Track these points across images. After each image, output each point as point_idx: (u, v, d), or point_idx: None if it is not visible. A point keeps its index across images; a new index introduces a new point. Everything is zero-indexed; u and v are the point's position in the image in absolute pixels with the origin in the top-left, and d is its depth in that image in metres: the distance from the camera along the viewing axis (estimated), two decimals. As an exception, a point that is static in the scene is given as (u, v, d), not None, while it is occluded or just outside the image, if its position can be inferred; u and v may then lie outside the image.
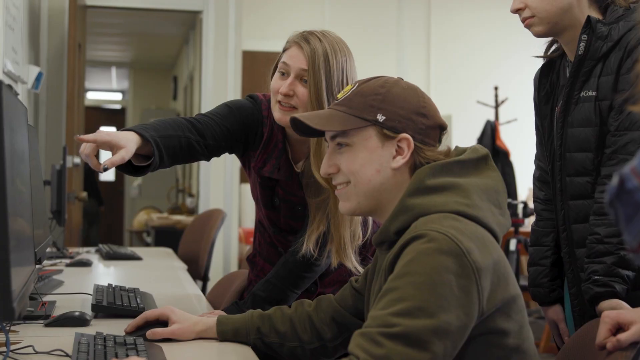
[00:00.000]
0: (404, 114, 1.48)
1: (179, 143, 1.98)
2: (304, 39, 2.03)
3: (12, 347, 1.59)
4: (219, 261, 5.45)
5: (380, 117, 1.48)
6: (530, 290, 2.19)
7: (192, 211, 7.05)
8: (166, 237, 6.26)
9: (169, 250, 4.12)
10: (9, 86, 2.82)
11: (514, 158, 6.69)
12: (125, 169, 1.93)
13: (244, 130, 2.11)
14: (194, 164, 7.37)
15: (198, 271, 3.84)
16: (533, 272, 2.17)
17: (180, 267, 3.42)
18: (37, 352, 1.59)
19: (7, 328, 1.65)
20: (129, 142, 1.82)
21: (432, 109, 1.52)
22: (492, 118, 6.93)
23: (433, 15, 7.51)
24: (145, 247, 6.95)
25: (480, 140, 6.77)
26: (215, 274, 4.78)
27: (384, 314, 1.29)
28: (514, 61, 7.17)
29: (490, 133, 6.73)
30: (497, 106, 6.97)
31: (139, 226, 8.24)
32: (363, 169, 1.49)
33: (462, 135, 7.05)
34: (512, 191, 6.62)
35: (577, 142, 1.99)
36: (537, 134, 2.19)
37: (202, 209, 5.46)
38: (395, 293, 1.30)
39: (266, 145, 2.13)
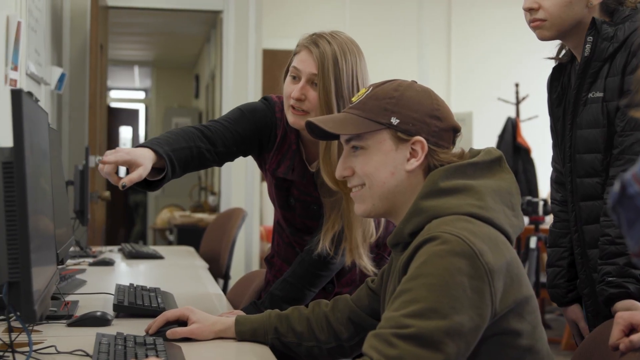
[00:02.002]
0: (418, 116, 1.49)
1: (190, 153, 2.03)
2: (313, 42, 2.04)
3: (35, 347, 1.62)
4: (240, 259, 5.49)
5: (394, 120, 1.49)
6: (548, 291, 2.20)
7: (214, 209, 7.09)
8: (189, 235, 6.30)
9: (191, 249, 4.15)
10: (29, 93, 2.87)
11: (535, 155, 6.66)
12: (140, 184, 1.98)
13: (256, 133, 2.14)
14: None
15: (219, 269, 3.87)
16: (551, 273, 2.18)
17: (202, 265, 3.45)
18: (59, 352, 1.62)
19: (30, 328, 1.68)
20: (146, 159, 1.88)
21: (445, 112, 1.53)
22: (513, 115, 6.90)
23: (453, 14, 7.49)
24: (168, 245, 7.01)
25: (501, 137, 6.74)
26: (237, 272, 4.81)
27: (397, 315, 1.30)
28: (534, 58, 7.06)
29: (511, 130, 6.71)
30: (517, 103, 6.94)
31: (162, 224, 8.29)
32: (377, 172, 1.50)
33: (483, 132, 7.02)
34: (533, 188, 6.59)
35: (585, 144, 1.98)
36: (552, 137, 2.19)
37: (223, 207, 5.50)
38: (408, 294, 1.32)
39: (280, 147, 2.15)
